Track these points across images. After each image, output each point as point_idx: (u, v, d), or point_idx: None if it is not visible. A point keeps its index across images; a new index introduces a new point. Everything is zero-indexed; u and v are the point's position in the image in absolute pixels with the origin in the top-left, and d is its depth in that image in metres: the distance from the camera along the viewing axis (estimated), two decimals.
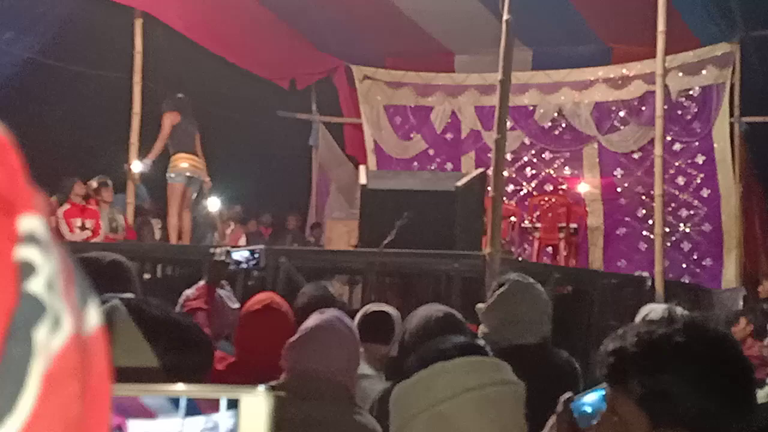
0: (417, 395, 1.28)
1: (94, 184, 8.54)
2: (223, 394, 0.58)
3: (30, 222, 0.41)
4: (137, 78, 9.16)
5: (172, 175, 8.14)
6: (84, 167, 8.84)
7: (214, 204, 8.79)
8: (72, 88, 9.60)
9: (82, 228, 8.19)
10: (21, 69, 8.97)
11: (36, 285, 0.40)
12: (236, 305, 3.73)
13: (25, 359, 0.39)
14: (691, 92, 9.79)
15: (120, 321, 1.31)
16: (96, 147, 9.36)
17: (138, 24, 9.13)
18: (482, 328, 2.78)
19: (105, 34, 9.02)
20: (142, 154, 8.95)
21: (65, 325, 0.41)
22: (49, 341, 0.40)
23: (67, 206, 8.23)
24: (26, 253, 0.40)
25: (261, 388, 0.55)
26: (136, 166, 8.94)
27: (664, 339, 1.19)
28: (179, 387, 0.61)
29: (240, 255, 3.76)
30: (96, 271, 2.24)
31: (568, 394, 1.29)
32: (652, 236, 8.31)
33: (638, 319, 3.04)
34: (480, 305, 2.85)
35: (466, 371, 1.27)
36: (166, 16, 9.01)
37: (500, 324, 2.72)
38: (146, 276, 7.15)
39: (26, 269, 0.40)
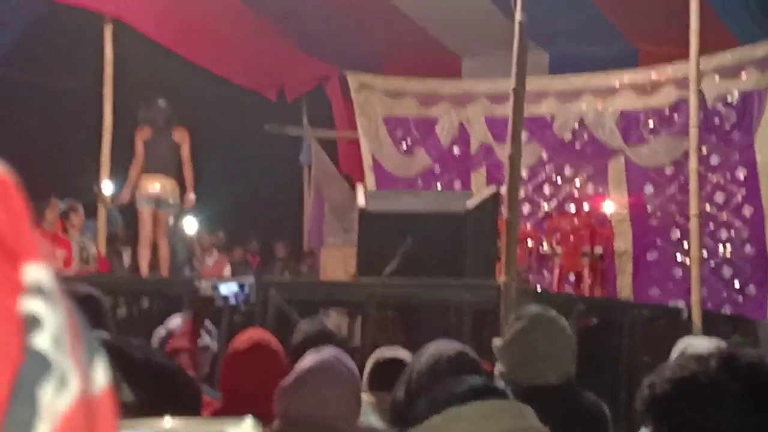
0: None
1: (61, 207, 8.58)
2: (209, 428, 0.61)
3: (36, 272, 0.43)
4: (108, 89, 9.20)
5: (138, 201, 8.19)
6: (51, 189, 8.88)
7: (191, 226, 8.81)
8: (37, 101, 9.68)
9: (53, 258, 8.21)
10: None
11: (42, 340, 0.41)
12: (215, 344, 3.74)
13: (29, 421, 0.40)
14: (729, 98, 9.81)
15: None
16: (64, 166, 9.42)
17: (108, 31, 9.18)
18: (499, 367, 2.79)
19: (72, 43, 9.11)
20: (114, 173, 8.98)
21: (72, 385, 0.42)
22: (54, 401, 0.41)
23: (36, 234, 8.23)
24: (32, 305, 0.42)
25: (248, 420, 0.58)
26: (107, 188, 8.98)
27: (696, 378, 1.22)
28: (166, 422, 0.64)
29: (228, 289, 3.79)
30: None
31: None
32: (687, 261, 8.30)
33: (674, 355, 3.05)
34: (496, 341, 2.86)
35: (483, 417, 1.29)
36: (139, 22, 9.08)
37: (519, 362, 2.73)
38: (120, 311, 7.16)
39: (32, 323, 0.41)
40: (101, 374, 0.46)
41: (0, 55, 8.98)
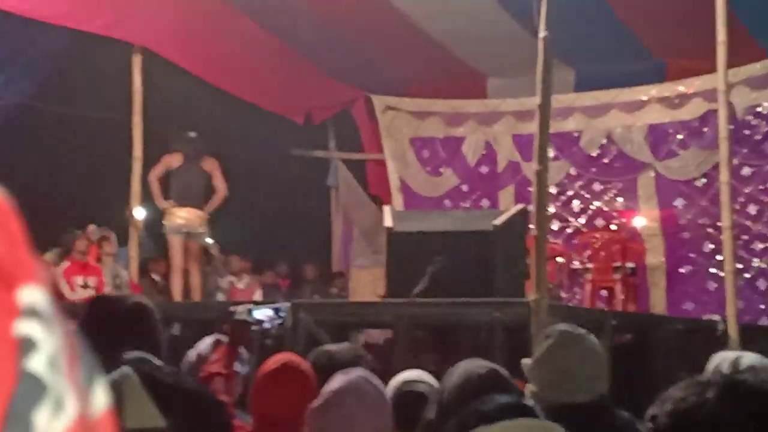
0: None
1: (95, 235, 8.67)
2: None
3: (31, 294, 0.42)
4: (137, 119, 9.31)
5: (167, 230, 8.30)
6: (84, 218, 8.99)
7: (208, 238, 8.86)
8: (67, 132, 9.79)
9: (84, 286, 8.31)
10: (14, 114, 9.17)
11: (37, 363, 0.41)
12: (245, 368, 3.73)
13: None
14: (759, 109, 9.73)
15: (131, 390, 1.32)
16: (96, 195, 9.52)
17: (136, 60, 9.30)
18: (530, 387, 2.75)
19: (102, 74, 9.21)
20: (145, 200, 9.08)
21: (68, 408, 0.41)
22: (50, 425, 0.40)
23: (67, 263, 8.35)
24: (26, 328, 0.41)
25: None
26: (139, 213, 9.09)
27: (696, 408, 1.18)
28: None
29: (263, 314, 3.75)
30: (116, 316, 2.27)
31: None
32: (721, 274, 8.19)
33: (708, 370, 2.99)
34: (526, 360, 2.82)
35: None
36: (167, 51, 9.19)
37: (549, 381, 2.69)
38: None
39: (26, 346, 0.41)
40: (101, 397, 0.45)
41: (31, 88, 9.13)
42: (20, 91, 9.04)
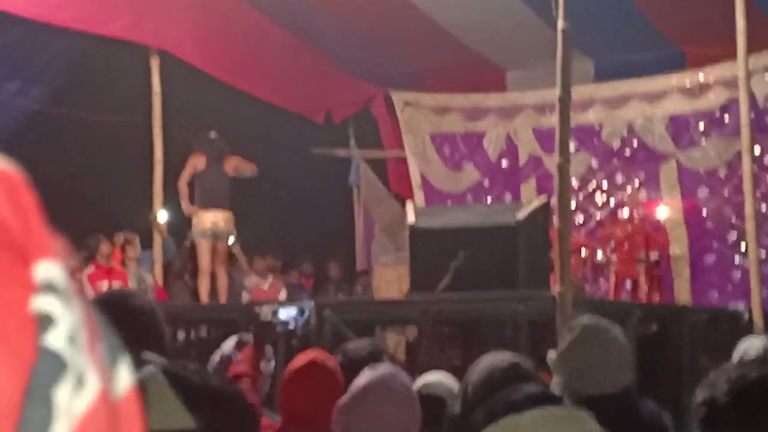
0: None
1: (117, 240, 8.73)
2: None
3: (47, 269, 0.41)
4: (157, 121, 9.35)
5: (195, 234, 8.34)
6: (106, 222, 9.04)
7: (232, 239, 8.90)
8: (87, 137, 9.86)
9: None
10: (31, 120, 9.24)
11: (55, 339, 0.39)
12: (270, 367, 3.75)
13: (45, 423, 0.38)
14: None
15: (157, 389, 1.34)
16: (118, 199, 9.57)
17: (154, 63, 9.34)
18: (555, 380, 2.76)
19: (120, 77, 9.26)
20: (167, 203, 9.13)
21: (90, 385, 0.40)
22: (71, 403, 0.39)
23: (91, 268, 8.41)
24: (44, 303, 0.40)
25: None
26: (162, 216, 9.14)
27: (757, 384, 1.18)
28: None
29: (287, 314, 3.79)
30: (119, 317, 2.26)
31: None
32: (746, 263, 8.13)
33: (735, 357, 3.00)
34: (550, 354, 2.83)
35: (541, 424, 1.27)
36: (184, 53, 9.21)
37: (574, 373, 2.70)
38: (179, 338, 7.28)
39: (44, 321, 0.39)
40: (125, 376, 0.44)
41: (50, 93, 9.19)
42: (38, 97, 9.09)
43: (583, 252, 9.17)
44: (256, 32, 9.37)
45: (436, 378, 3.29)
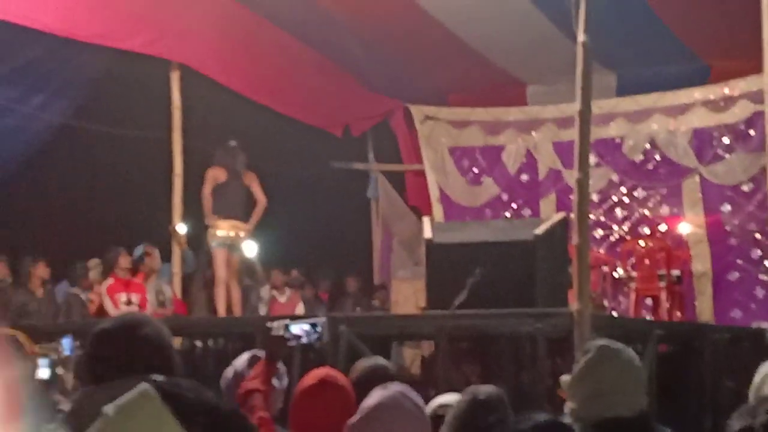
0: None
1: (137, 253, 8.79)
2: None
3: None
4: (177, 135, 9.41)
5: (212, 243, 8.41)
6: (126, 234, 9.11)
7: (251, 249, 8.91)
8: (109, 151, 9.93)
9: (128, 303, 8.41)
10: (54, 134, 9.33)
11: None
12: (283, 383, 3.74)
13: None
14: None
15: (151, 408, 1.31)
16: (138, 212, 9.64)
17: (175, 77, 9.42)
18: (569, 404, 2.73)
19: (140, 91, 9.33)
20: (187, 215, 9.18)
21: None
22: None
23: (110, 281, 8.47)
24: None
25: None
26: (181, 228, 9.20)
27: None
28: None
29: (299, 328, 3.74)
30: (126, 349, 2.27)
31: None
32: None
33: (757, 379, 2.95)
34: (564, 377, 2.81)
35: None
36: (205, 67, 9.28)
37: (588, 397, 2.66)
38: (197, 351, 7.31)
39: None
40: None
41: (70, 107, 9.27)
42: (60, 111, 9.18)
43: (604, 268, 9.08)
44: (276, 46, 9.41)
45: (452, 399, 3.28)
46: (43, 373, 4.83)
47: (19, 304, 8.39)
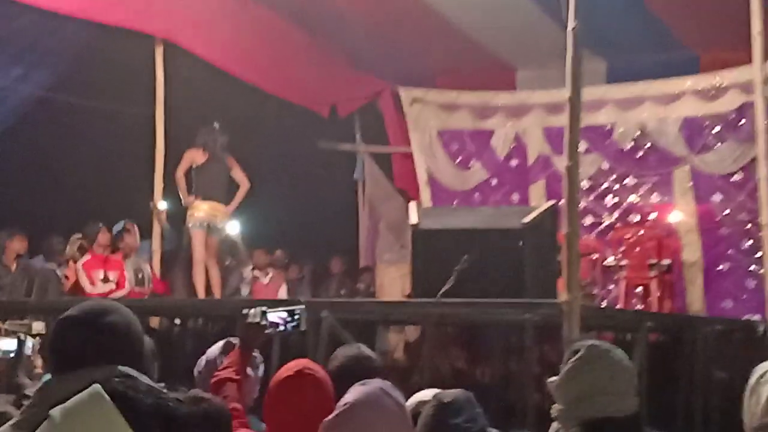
0: None
1: (116, 228, 8.61)
2: None
3: None
4: (159, 111, 9.24)
5: (190, 224, 8.33)
6: (106, 211, 8.94)
7: (233, 228, 8.76)
8: (90, 125, 9.75)
9: (105, 280, 8.24)
10: (33, 107, 9.13)
11: None
12: (258, 372, 3.57)
13: None
14: None
15: (100, 412, 1.19)
16: (118, 188, 9.46)
17: (159, 53, 9.24)
18: (556, 406, 2.62)
19: (123, 66, 9.15)
20: (168, 193, 9.03)
21: None
22: None
23: (88, 257, 8.29)
24: None
25: None
26: (162, 205, 9.06)
27: None
28: None
29: (277, 316, 3.55)
30: (92, 337, 2.11)
31: None
32: (761, 271, 7.93)
33: (752, 381, 2.81)
34: (552, 379, 2.70)
35: None
36: (189, 43, 9.10)
37: (577, 398, 2.57)
38: (176, 322, 7.22)
39: None
40: None
41: (52, 80, 9.08)
42: (41, 83, 8.99)
43: (593, 256, 8.96)
44: (263, 23, 9.24)
45: (432, 394, 3.13)
46: (9, 352, 4.61)
47: None
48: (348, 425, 2.37)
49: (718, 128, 9.75)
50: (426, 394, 3.11)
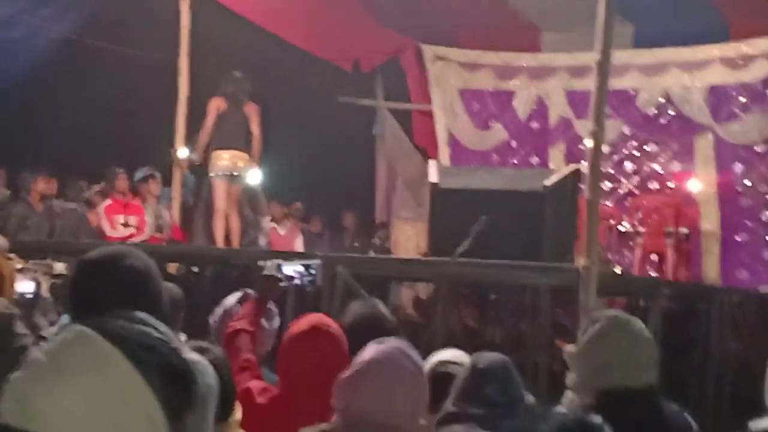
0: None
1: (139, 174, 8.58)
2: None
3: None
4: (183, 59, 9.15)
5: (212, 174, 8.21)
6: (128, 156, 8.91)
7: (254, 178, 8.67)
8: (114, 69, 9.66)
9: (126, 225, 8.23)
10: (59, 49, 9.05)
11: None
12: (273, 324, 3.53)
13: None
14: None
15: (87, 347, 1.09)
16: (141, 134, 9.41)
17: (184, 1, 9.11)
18: (571, 378, 2.58)
19: (149, 12, 9.03)
20: (190, 141, 8.97)
21: None
22: None
23: (108, 201, 8.28)
24: None
25: None
26: (183, 153, 9.00)
27: None
28: None
29: (293, 269, 3.52)
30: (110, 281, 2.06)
31: None
32: None
33: None
34: (569, 348, 2.65)
35: None
36: None
37: (596, 367, 2.53)
38: (194, 270, 7.20)
39: None
40: None
41: (79, 23, 9.00)
42: (67, 26, 8.90)
43: (610, 222, 8.87)
44: None
45: (452, 355, 3.09)
46: (27, 293, 4.60)
47: (19, 216, 8.16)
48: (364, 383, 2.32)
49: (743, 98, 9.58)
50: (446, 354, 3.06)
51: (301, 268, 3.55)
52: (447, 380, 3.00)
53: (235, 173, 8.22)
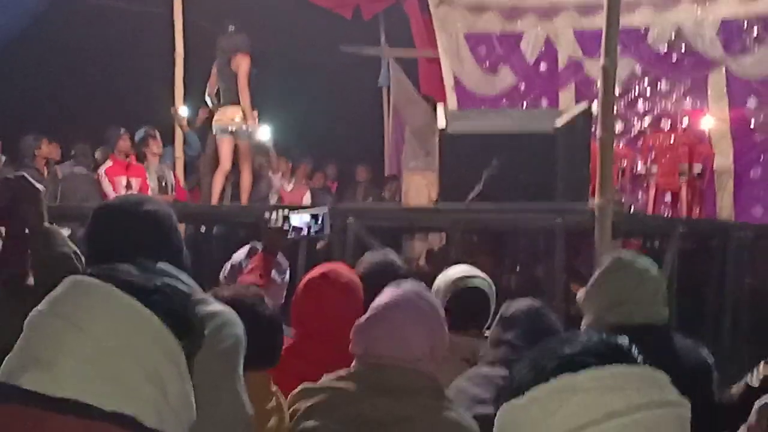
0: (533, 423, 1.00)
1: (139, 134, 8.52)
2: None
3: None
4: (178, 14, 9.03)
5: (214, 131, 8.16)
6: (126, 115, 8.84)
7: (264, 133, 8.58)
8: (109, 24, 9.56)
9: (128, 187, 8.20)
10: (53, 5, 8.94)
11: None
12: (286, 277, 3.53)
13: None
14: None
15: (90, 291, 1.08)
16: (139, 91, 9.34)
17: None
18: (585, 321, 2.61)
19: None
20: (189, 98, 8.91)
21: None
22: None
23: (109, 163, 8.24)
24: None
25: None
26: (183, 111, 8.94)
27: None
28: None
29: (300, 220, 3.49)
30: (125, 224, 2.05)
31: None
32: None
33: None
34: (580, 292, 2.68)
35: (606, 388, 0.99)
36: None
37: (604, 308, 2.57)
38: (198, 238, 7.19)
39: None
40: None
41: None
42: None
43: (623, 162, 8.82)
44: None
45: (467, 269, 3.19)
46: None
47: None
48: (382, 326, 2.33)
49: (757, 31, 9.45)
50: (457, 270, 3.14)
51: (309, 219, 3.52)
52: (470, 294, 3.06)
53: (231, 128, 8.13)
